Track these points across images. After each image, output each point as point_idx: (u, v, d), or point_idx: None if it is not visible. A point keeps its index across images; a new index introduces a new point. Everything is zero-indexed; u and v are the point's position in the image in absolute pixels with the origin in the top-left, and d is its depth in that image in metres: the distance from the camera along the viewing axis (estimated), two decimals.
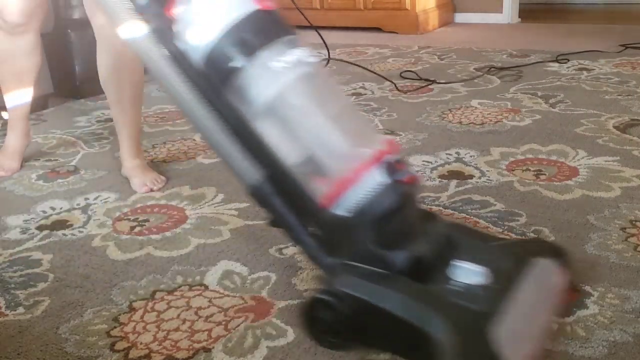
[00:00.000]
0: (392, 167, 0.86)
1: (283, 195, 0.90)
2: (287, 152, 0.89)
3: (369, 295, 0.82)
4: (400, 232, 0.87)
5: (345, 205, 0.86)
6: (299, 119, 0.88)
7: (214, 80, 0.88)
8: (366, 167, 0.85)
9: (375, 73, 2.62)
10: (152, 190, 1.50)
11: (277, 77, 0.86)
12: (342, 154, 0.88)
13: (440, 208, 1.32)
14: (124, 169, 1.58)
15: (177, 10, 0.89)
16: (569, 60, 2.64)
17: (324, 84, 0.95)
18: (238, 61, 0.85)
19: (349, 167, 0.85)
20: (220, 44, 0.85)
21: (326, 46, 2.42)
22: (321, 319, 0.86)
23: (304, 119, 0.88)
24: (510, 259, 0.90)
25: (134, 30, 0.91)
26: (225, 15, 0.86)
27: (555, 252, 0.98)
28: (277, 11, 0.90)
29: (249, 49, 0.85)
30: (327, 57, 2.50)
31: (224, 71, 0.86)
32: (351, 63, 2.85)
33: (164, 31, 0.90)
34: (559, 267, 0.94)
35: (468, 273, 0.84)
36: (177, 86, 0.90)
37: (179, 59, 0.89)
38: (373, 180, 0.85)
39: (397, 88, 2.37)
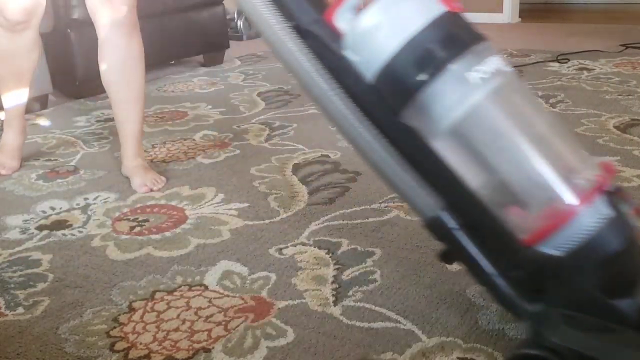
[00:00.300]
0: (616, 197, 0.72)
1: (469, 228, 0.77)
2: (475, 179, 0.75)
3: (598, 352, 0.69)
4: (629, 276, 0.73)
5: (558, 244, 0.71)
6: (493, 140, 0.75)
7: (390, 96, 0.74)
8: (586, 198, 0.71)
9: None
10: (152, 191, 1.49)
11: (471, 91, 0.72)
12: (549, 181, 0.73)
13: None
14: (124, 168, 1.57)
15: (342, 16, 0.76)
16: (569, 60, 2.63)
17: (523, 98, 0.81)
18: (423, 75, 0.71)
19: (561, 199, 0.72)
20: (401, 55, 0.72)
21: None
22: None
23: (499, 140, 0.75)
24: None
25: (283, 35, 0.78)
26: (408, 20, 0.72)
27: None
28: (465, 14, 0.76)
29: (438, 61, 0.71)
30: None
31: (406, 86, 0.72)
32: None
33: (323, 40, 0.76)
34: None
35: None
36: (335, 102, 0.77)
37: (341, 71, 0.76)
38: (595, 215, 0.70)
39: None
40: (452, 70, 0.71)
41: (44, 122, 2.14)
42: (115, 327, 0.97)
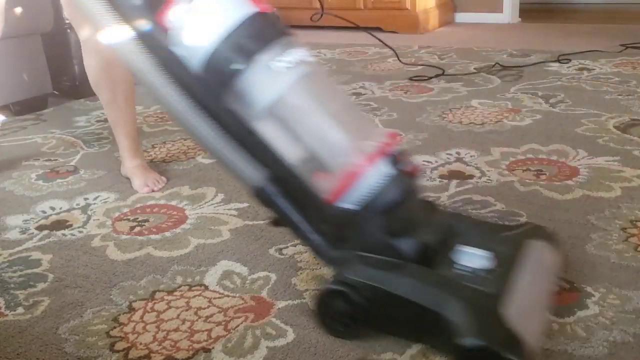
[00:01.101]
0: (396, 159, 0.90)
1: (287, 195, 0.91)
2: (289, 151, 0.90)
3: (383, 283, 0.84)
4: (407, 222, 0.91)
5: (352, 199, 0.88)
6: (300, 118, 0.90)
7: (214, 84, 0.88)
8: (371, 160, 0.88)
9: (381, 41, 2.61)
10: (153, 191, 1.49)
11: (278, 78, 0.87)
12: (345, 149, 0.91)
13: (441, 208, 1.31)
14: (124, 168, 1.57)
15: (171, 15, 0.89)
16: (570, 61, 2.63)
17: (323, 83, 0.97)
18: (239, 64, 0.86)
19: (353, 161, 0.89)
20: (221, 48, 0.86)
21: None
22: (334, 309, 0.88)
23: (305, 118, 0.90)
24: (509, 242, 0.95)
25: (120, 35, 0.89)
26: (224, 19, 0.87)
27: (546, 235, 1.02)
28: (274, 13, 0.92)
29: (249, 53, 0.86)
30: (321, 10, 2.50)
31: (225, 75, 0.87)
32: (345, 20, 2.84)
33: (156, 36, 0.89)
34: (552, 247, 0.99)
35: (473, 257, 0.88)
36: (169, 93, 0.89)
37: (172, 64, 0.88)
38: (379, 173, 0.88)
39: (398, 58, 2.37)
40: (260, 61, 0.86)
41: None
42: (115, 327, 0.97)
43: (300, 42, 0.91)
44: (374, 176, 0.88)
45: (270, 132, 0.90)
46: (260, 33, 0.88)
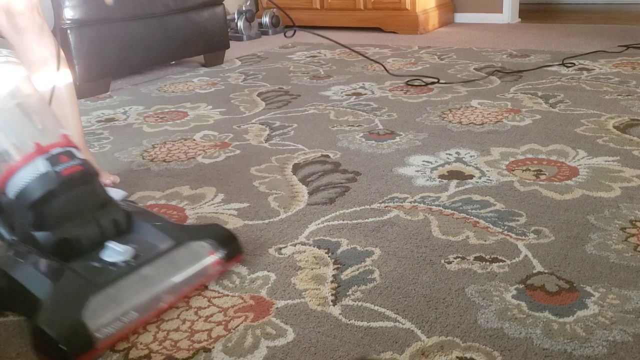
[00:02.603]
0: (55, 159, 1.00)
1: None
2: None
3: (8, 267, 0.97)
4: (56, 216, 1.00)
5: (10, 189, 1.00)
6: None
7: None
8: (31, 157, 1.00)
9: (369, 58, 2.61)
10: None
11: None
12: (19, 144, 1.01)
13: (441, 208, 1.32)
14: None
15: None
16: (574, 64, 2.61)
17: (18, 82, 1.07)
18: None
19: (18, 157, 1.00)
20: None
21: (290, 20, 2.41)
22: None
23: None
24: (167, 240, 1.04)
25: None
26: None
27: (221, 237, 1.08)
28: None
29: None
30: (293, 26, 2.50)
31: None
32: (345, 47, 2.84)
33: None
34: (215, 249, 1.06)
35: (113, 252, 1.00)
36: None
37: None
38: (34, 169, 0.99)
39: (386, 70, 2.37)
40: None
41: None
42: None
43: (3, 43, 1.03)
44: (27, 171, 0.99)
45: None
46: None
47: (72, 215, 1.02)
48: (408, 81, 2.48)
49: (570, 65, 2.59)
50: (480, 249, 1.14)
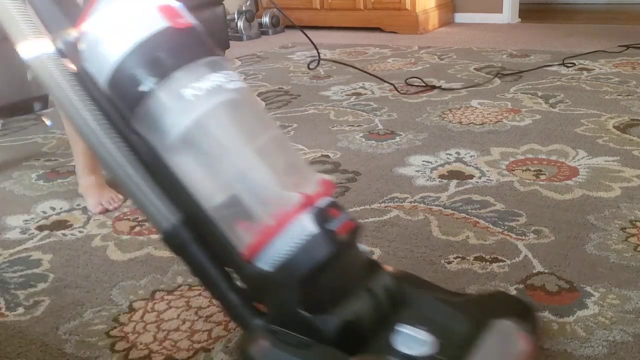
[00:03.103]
0: (324, 214, 0.73)
1: (202, 244, 0.76)
2: (208, 191, 0.75)
3: None
4: (332, 291, 0.74)
5: (268, 259, 0.72)
6: (219, 152, 0.75)
7: (121, 105, 0.75)
8: (293, 214, 0.71)
9: (370, 74, 2.62)
10: (107, 211, 1.42)
11: (192, 105, 0.73)
12: (267, 196, 0.74)
13: (441, 208, 1.32)
14: (79, 187, 1.49)
15: (84, 27, 0.76)
16: (574, 64, 2.61)
17: (249, 112, 0.81)
18: (147, 84, 0.72)
19: (273, 213, 0.72)
20: (126, 63, 0.72)
21: (315, 47, 2.41)
22: None
23: (225, 153, 0.75)
24: (465, 320, 0.76)
25: (37, 48, 0.76)
26: (132, 31, 0.73)
27: (520, 310, 0.82)
28: (197, 29, 0.78)
29: (161, 70, 0.72)
30: (317, 57, 2.51)
31: (131, 95, 0.73)
32: (345, 64, 2.85)
33: (72, 50, 0.76)
34: (523, 330, 0.77)
35: (411, 341, 0.72)
36: (81, 113, 0.75)
37: (85, 82, 0.76)
38: (300, 230, 0.71)
39: (396, 89, 2.37)
40: (172, 83, 0.72)
41: (46, 121, 2.14)
42: (115, 327, 0.97)
43: (228, 63, 0.78)
44: (293, 233, 0.71)
45: (188, 167, 0.75)
46: (176, 49, 0.74)
47: (349, 287, 0.76)
48: (407, 79, 2.47)
49: (570, 65, 2.59)
50: (480, 249, 1.14)
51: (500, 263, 1.09)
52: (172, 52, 0.74)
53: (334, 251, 0.71)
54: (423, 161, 1.60)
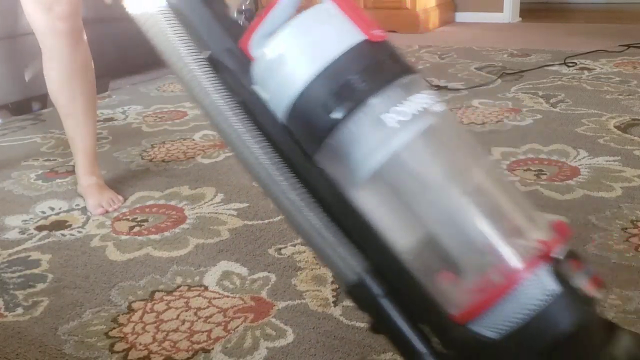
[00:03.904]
0: (566, 268, 0.58)
1: (394, 297, 0.65)
2: (403, 237, 0.64)
3: None
4: None
5: (492, 323, 0.58)
6: (418, 191, 0.63)
7: (302, 138, 0.64)
8: (527, 269, 0.57)
9: None
10: (107, 212, 1.40)
11: (392, 134, 0.61)
12: (486, 245, 0.60)
13: None
14: (79, 187, 1.49)
15: (255, 44, 0.65)
16: (576, 64, 2.60)
17: (457, 141, 0.68)
18: (338, 112, 0.60)
19: (497, 267, 0.58)
20: (313, 88, 0.60)
21: None
22: None
23: (425, 192, 0.63)
24: None
25: (192, 66, 0.66)
26: (320, 50, 0.61)
27: None
28: (390, 43, 0.65)
29: (355, 96, 0.60)
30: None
31: (318, 126, 0.61)
32: None
33: (234, 72, 0.66)
34: None
35: None
36: (247, 144, 0.65)
37: (254, 110, 0.65)
38: (539, 290, 0.57)
39: None
40: (367, 111, 0.60)
41: None
42: (114, 328, 0.97)
43: (426, 83, 0.66)
44: (529, 293, 0.57)
45: (376, 208, 0.65)
46: (372, 69, 0.62)
47: (593, 357, 0.62)
48: None
49: (571, 65, 2.58)
50: None
51: None
52: (370, 72, 0.62)
53: (582, 317, 0.58)
54: None
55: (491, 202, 0.63)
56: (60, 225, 1.35)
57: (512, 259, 0.57)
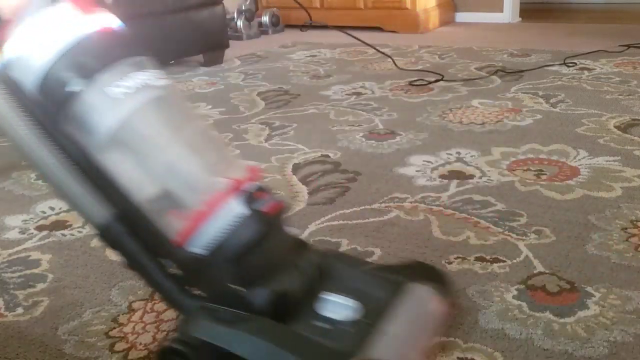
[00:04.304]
0: (252, 197, 0.78)
1: (135, 235, 0.79)
2: (140, 186, 0.78)
3: (223, 341, 0.75)
4: (263, 267, 0.80)
5: (200, 242, 0.77)
6: (148, 148, 0.79)
7: (51, 109, 0.77)
8: (222, 198, 0.77)
9: (374, 47, 2.61)
10: None
11: (118, 104, 0.76)
12: (196, 184, 0.79)
13: (441, 208, 1.31)
14: None
15: (6, 35, 0.78)
16: (576, 64, 2.60)
17: (176, 108, 0.85)
18: (75, 85, 0.75)
19: (203, 199, 0.77)
20: (55, 67, 0.75)
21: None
22: None
23: (154, 148, 0.79)
24: (384, 286, 0.84)
25: None
26: (60, 37, 0.76)
27: (434, 276, 0.91)
28: (123, 32, 0.81)
29: (87, 72, 0.76)
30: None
31: (60, 98, 0.76)
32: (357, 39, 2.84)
33: None
34: (437, 293, 0.86)
35: (336, 307, 0.80)
36: (11, 119, 0.78)
37: (12, 88, 0.78)
38: (230, 213, 0.76)
39: (395, 64, 2.37)
40: (98, 84, 0.75)
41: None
42: (114, 328, 0.97)
43: (154, 63, 0.81)
44: (225, 216, 0.76)
45: (118, 164, 0.78)
46: (102, 52, 0.78)
47: (278, 263, 0.82)
48: (412, 82, 2.47)
49: (571, 65, 2.58)
50: (481, 249, 1.14)
51: (501, 263, 1.09)
52: (98, 54, 0.77)
53: (263, 230, 0.78)
54: (423, 161, 1.59)
55: (200, 153, 0.81)
56: (60, 225, 1.35)
57: (213, 192, 0.76)
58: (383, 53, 2.89)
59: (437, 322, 0.86)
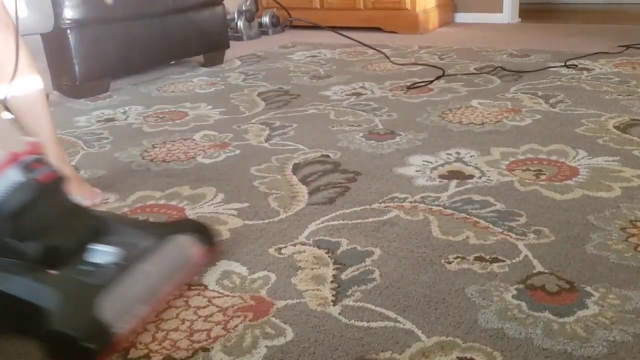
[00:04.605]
0: (28, 167, 0.97)
1: None
2: None
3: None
4: (37, 225, 0.97)
5: None
6: None
7: None
8: (3, 166, 0.96)
9: (369, 46, 2.61)
10: (94, 205, 1.40)
11: None
12: None
13: (441, 208, 1.32)
14: None
15: None
16: (576, 66, 2.59)
17: None
18: None
19: None
20: None
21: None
22: None
23: None
24: (149, 238, 1.03)
25: None
26: None
27: (198, 229, 1.10)
28: None
29: None
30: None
31: None
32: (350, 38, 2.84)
33: None
34: (197, 241, 1.07)
35: (99, 254, 0.98)
36: None
37: None
38: (8, 180, 0.95)
39: (388, 59, 2.37)
40: None
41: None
42: None
43: None
44: (4, 182, 0.95)
45: None
46: None
47: (53, 222, 1.00)
48: (410, 86, 2.47)
49: (572, 66, 2.58)
50: (481, 249, 1.14)
51: (501, 263, 1.09)
52: None
53: (36, 193, 0.96)
54: (423, 161, 1.60)
55: None
56: None
57: None
58: (379, 51, 2.89)
59: (194, 264, 1.07)
